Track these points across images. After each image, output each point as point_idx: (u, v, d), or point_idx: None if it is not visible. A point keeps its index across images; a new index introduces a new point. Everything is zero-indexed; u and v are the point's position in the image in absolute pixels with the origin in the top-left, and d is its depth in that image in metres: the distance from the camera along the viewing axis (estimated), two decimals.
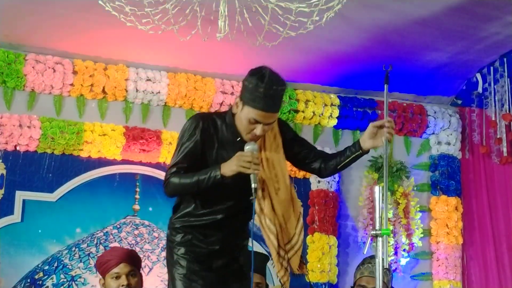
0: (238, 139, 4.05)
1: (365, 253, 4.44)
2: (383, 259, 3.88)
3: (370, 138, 4.26)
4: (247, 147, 3.96)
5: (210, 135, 4.07)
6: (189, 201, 4.18)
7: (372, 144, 4.23)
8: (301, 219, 4.33)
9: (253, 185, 3.91)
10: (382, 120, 4.22)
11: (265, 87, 3.86)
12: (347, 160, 4.34)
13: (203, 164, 4.05)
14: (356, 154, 4.28)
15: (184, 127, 4.15)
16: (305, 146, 4.40)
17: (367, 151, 4.25)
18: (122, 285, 5.07)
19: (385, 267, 4.15)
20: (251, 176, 3.91)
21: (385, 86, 4.39)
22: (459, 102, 8.87)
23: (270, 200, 4.16)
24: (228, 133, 4.08)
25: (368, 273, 5.24)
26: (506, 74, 8.20)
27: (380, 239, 4.01)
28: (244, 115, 3.97)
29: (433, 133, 8.72)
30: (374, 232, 4.02)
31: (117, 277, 5.11)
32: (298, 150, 4.34)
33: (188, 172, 4.04)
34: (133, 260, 5.24)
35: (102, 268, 5.18)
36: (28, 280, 7.30)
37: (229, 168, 3.92)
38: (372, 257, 5.15)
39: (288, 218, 4.25)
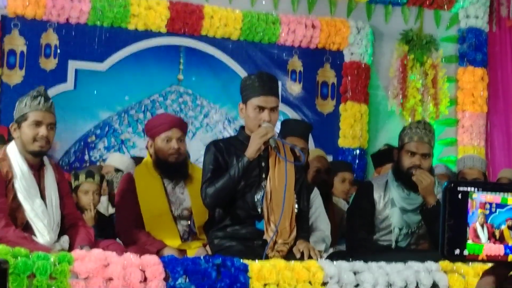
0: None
1: None
2: None
3: None
4: (263, 125, 4.19)
5: (229, 157, 4.30)
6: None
7: None
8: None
9: (272, 145, 4.16)
10: None
11: (257, 77, 4.30)
12: None
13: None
14: None
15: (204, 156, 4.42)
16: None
17: None
18: (173, 148, 5.04)
19: None
20: (270, 141, 4.15)
21: None
22: None
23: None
24: (245, 147, 4.26)
25: (417, 139, 5.16)
26: None
27: None
28: (250, 109, 4.27)
29: (462, 7, 8.65)
30: None
31: (169, 140, 5.06)
32: None
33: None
34: (183, 127, 5.24)
35: (154, 130, 5.15)
36: (82, 143, 7.79)
37: (251, 149, 4.17)
38: (419, 122, 5.29)
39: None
